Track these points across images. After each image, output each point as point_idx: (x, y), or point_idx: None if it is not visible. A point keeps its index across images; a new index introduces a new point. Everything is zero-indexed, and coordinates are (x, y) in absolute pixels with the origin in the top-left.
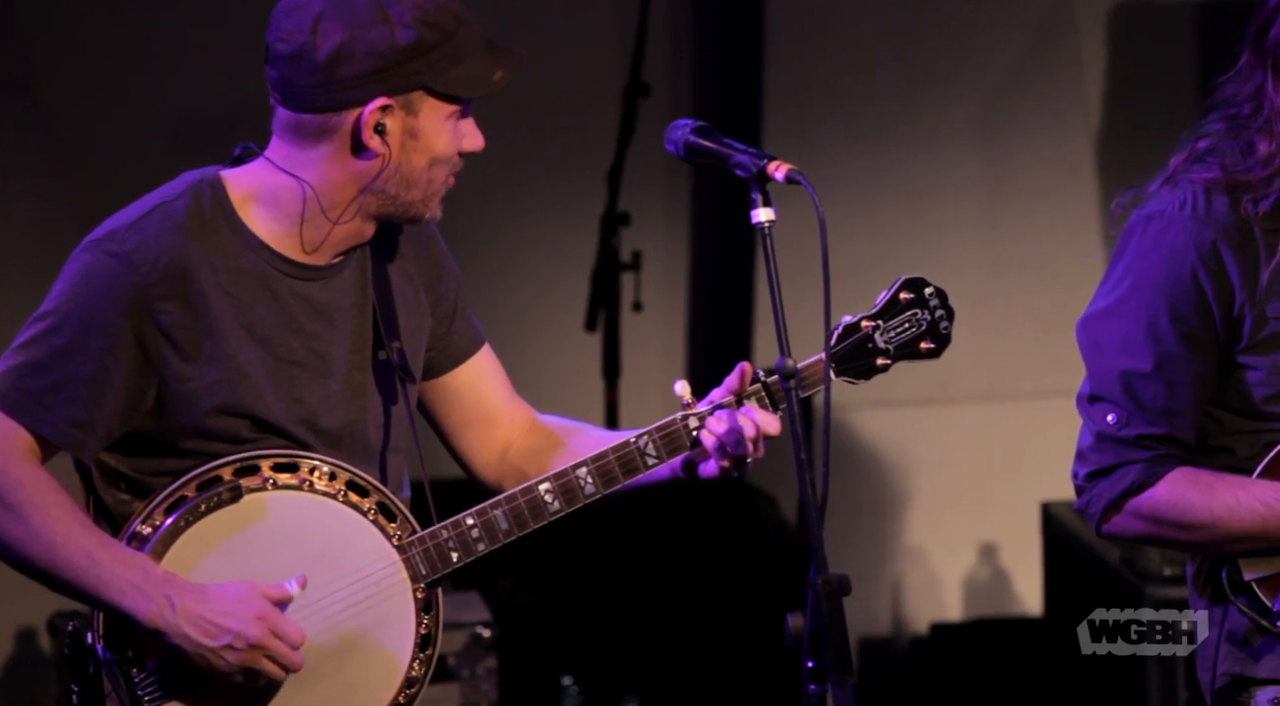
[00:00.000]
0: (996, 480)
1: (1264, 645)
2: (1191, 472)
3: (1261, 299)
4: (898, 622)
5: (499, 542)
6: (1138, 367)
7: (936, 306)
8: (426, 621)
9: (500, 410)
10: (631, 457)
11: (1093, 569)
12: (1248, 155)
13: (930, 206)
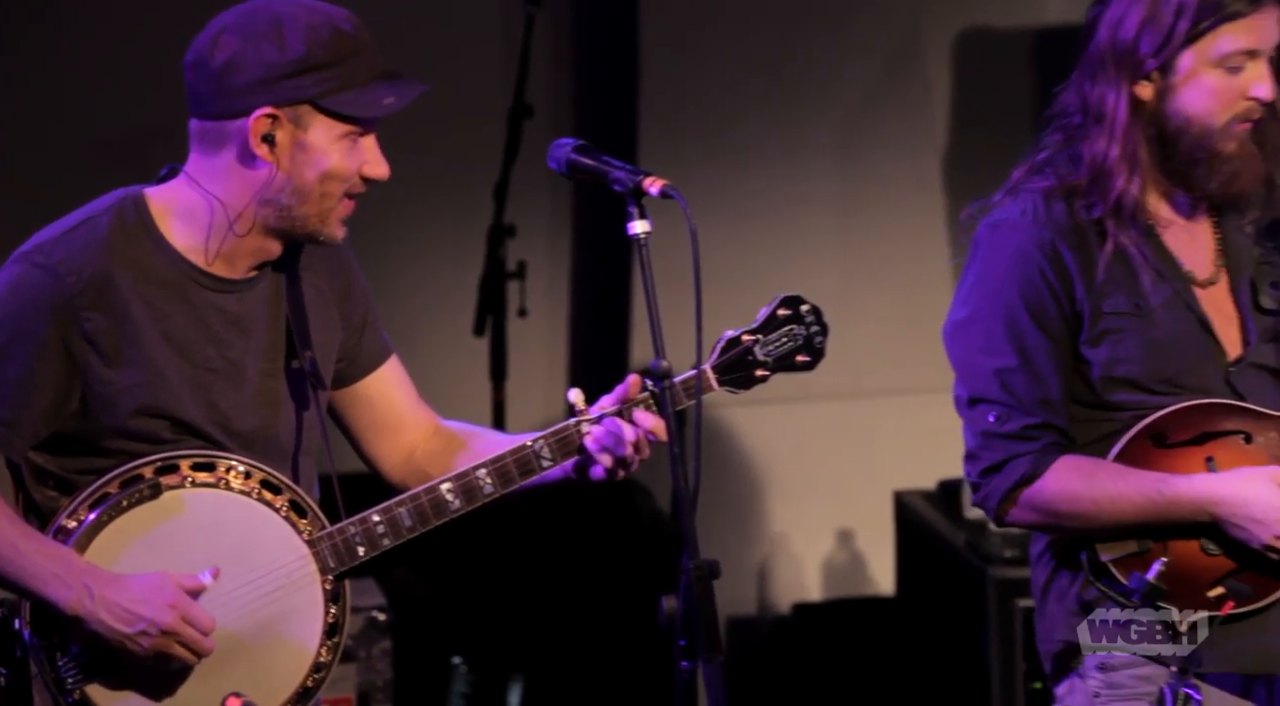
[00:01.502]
0: (853, 471)
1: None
2: (1074, 462)
3: (1098, 294)
4: (762, 603)
5: (403, 538)
6: (1006, 365)
7: (812, 322)
8: (334, 610)
9: (406, 416)
10: (528, 460)
11: (940, 552)
12: (1078, 163)
13: (792, 217)
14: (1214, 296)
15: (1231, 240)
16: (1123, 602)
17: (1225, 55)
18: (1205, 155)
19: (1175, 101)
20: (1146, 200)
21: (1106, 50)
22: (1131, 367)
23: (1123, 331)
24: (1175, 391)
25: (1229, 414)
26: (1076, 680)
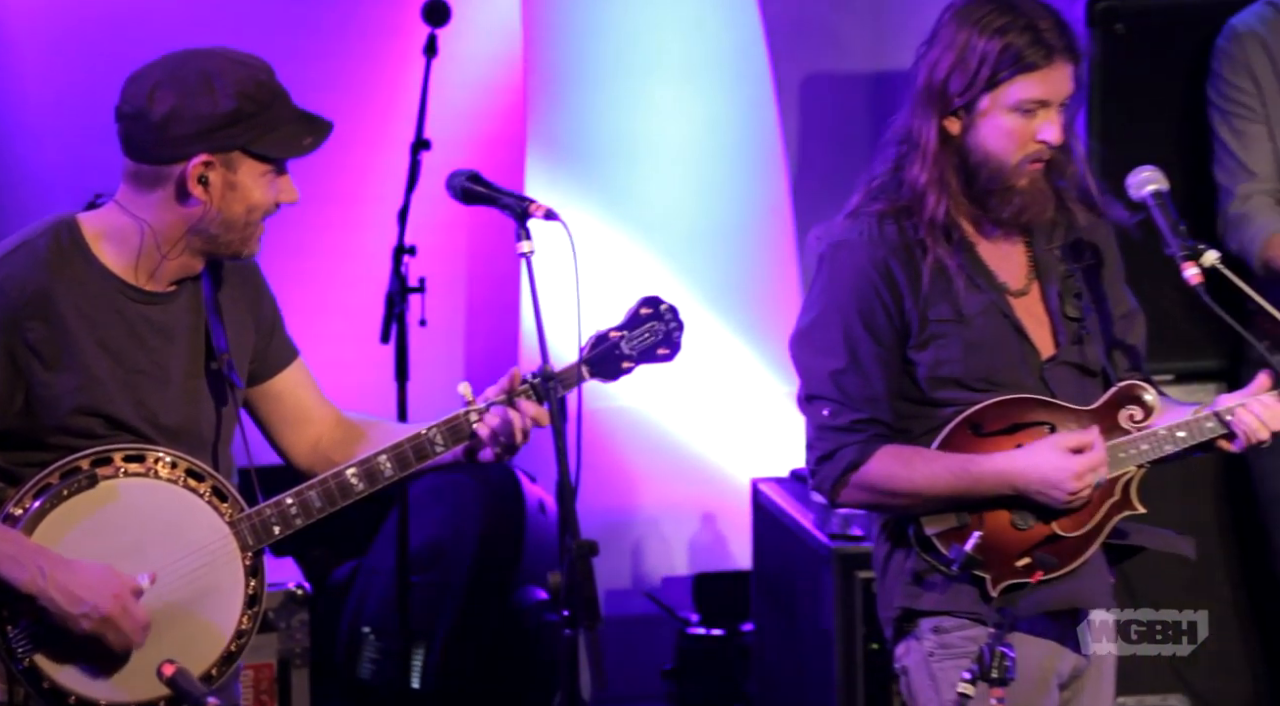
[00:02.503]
0: (716, 463)
1: (928, 584)
2: (895, 449)
3: (925, 304)
4: (636, 578)
5: (314, 517)
6: (839, 366)
7: (670, 319)
8: (254, 583)
9: (312, 410)
10: (422, 446)
11: (790, 532)
12: (902, 187)
13: (662, 237)
14: (1027, 304)
15: (1040, 256)
16: (945, 572)
17: (1019, 102)
18: (999, 187)
19: (976, 137)
20: (959, 220)
21: (923, 88)
22: (954, 368)
23: (946, 336)
24: (992, 388)
25: (1036, 407)
26: (913, 642)
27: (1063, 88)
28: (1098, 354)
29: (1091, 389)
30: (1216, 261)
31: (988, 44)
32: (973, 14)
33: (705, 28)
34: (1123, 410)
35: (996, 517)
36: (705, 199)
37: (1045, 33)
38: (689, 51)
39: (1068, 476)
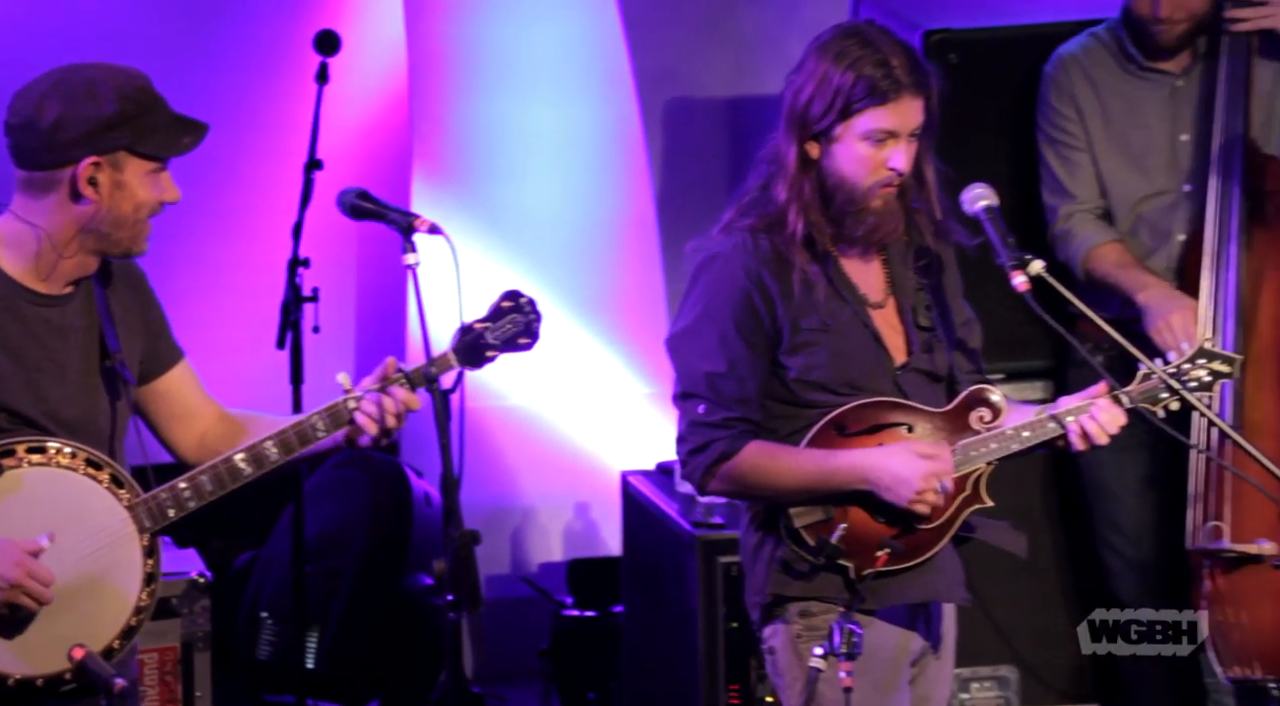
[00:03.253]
0: (588, 457)
1: (796, 572)
2: (762, 444)
3: (796, 313)
4: (515, 564)
5: (205, 500)
6: (716, 369)
7: (530, 311)
8: (150, 563)
9: (197, 407)
10: (305, 431)
11: (657, 520)
12: (769, 204)
13: (537, 249)
14: (885, 315)
15: (896, 271)
16: (812, 561)
17: (870, 131)
18: (853, 208)
19: (832, 162)
20: (821, 237)
21: (788, 113)
22: (821, 373)
23: (815, 344)
24: (855, 392)
25: (895, 409)
26: (781, 625)
27: (911, 120)
28: (945, 360)
29: (938, 392)
30: (1042, 270)
31: (844, 76)
32: (833, 47)
33: (577, 56)
34: (973, 412)
35: (859, 511)
36: (577, 213)
37: (896, 69)
38: (563, 77)
39: (915, 477)
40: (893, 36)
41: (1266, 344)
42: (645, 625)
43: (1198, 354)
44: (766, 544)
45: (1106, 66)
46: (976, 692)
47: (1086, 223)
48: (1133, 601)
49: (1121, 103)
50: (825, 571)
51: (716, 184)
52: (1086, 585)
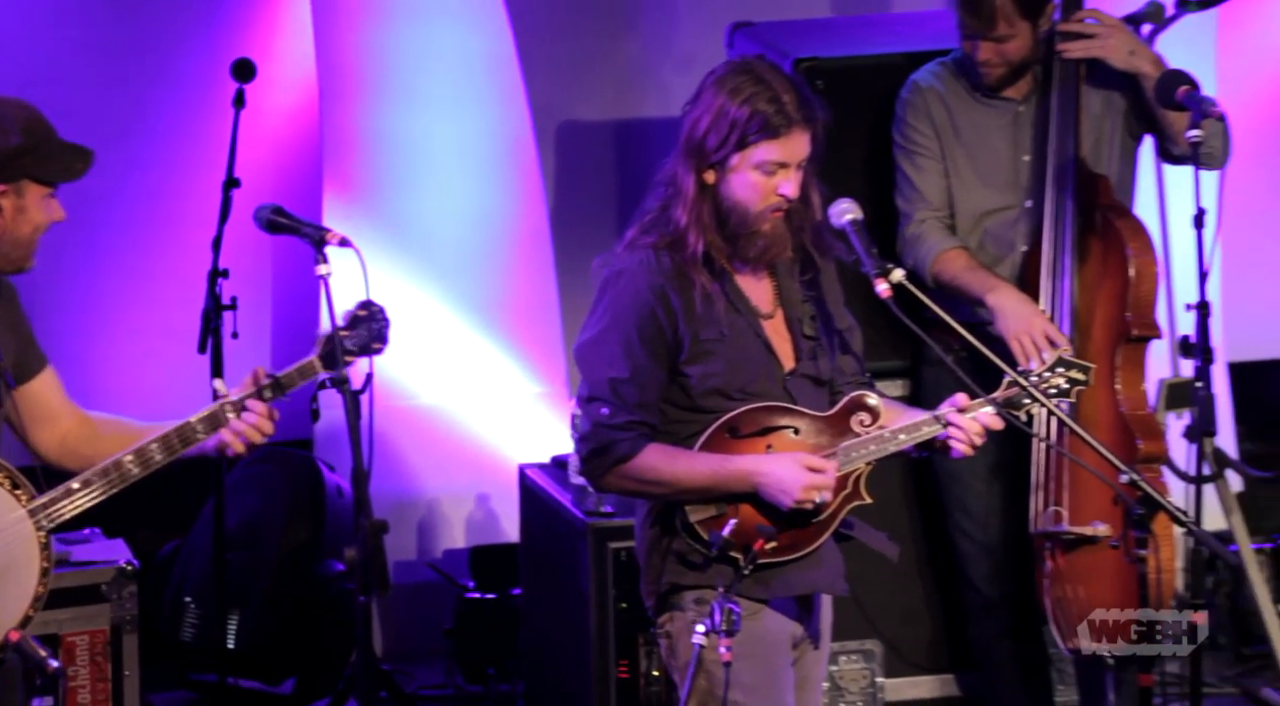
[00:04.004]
0: (489, 452)
1: (691, 563)
2: (659, 447)
3: (696, 325)
4: (421, 550)
5: (97, 499)
6: (619, 376)
7: (380, 319)
8: (45, 558)
9: (60, 410)
10: (186, 434)
11: (553, 509)
12: (673, 224)
13: (438, 257)
14: (774, 326)
15: (784, 285)
16: (706, 553)
17: (761, 162)
18: (746, 231)
19: (727, 188)
20: (719, 255)
21: (685, 141)
22: (718, 380)
23: (712, 353)
24: (747, 397)
25: (783, 413)
26: (677, 612)
27: (799, 151)
28: (829, 366)
29: (823, 396)
30: (903, 278)
31: (739, 111)
32: (729, 83)
33: (477, 82)
34: (854, 416)
35: (749, 508)
36: (477, 225)
37: (787, 105)
38: (463, 101)
39: (797, 488)
40: (783, 73)
41: (1099, 346)
42: (542, 606)
43: (1056, 363)
44: (663, 538)
45: (956, 93)
46: (844, 665)
47: (936, 229)
48: (982, 580)
49: (969, 126)
50: (717, 562)
51: (604, 200)
52: (942, 566)
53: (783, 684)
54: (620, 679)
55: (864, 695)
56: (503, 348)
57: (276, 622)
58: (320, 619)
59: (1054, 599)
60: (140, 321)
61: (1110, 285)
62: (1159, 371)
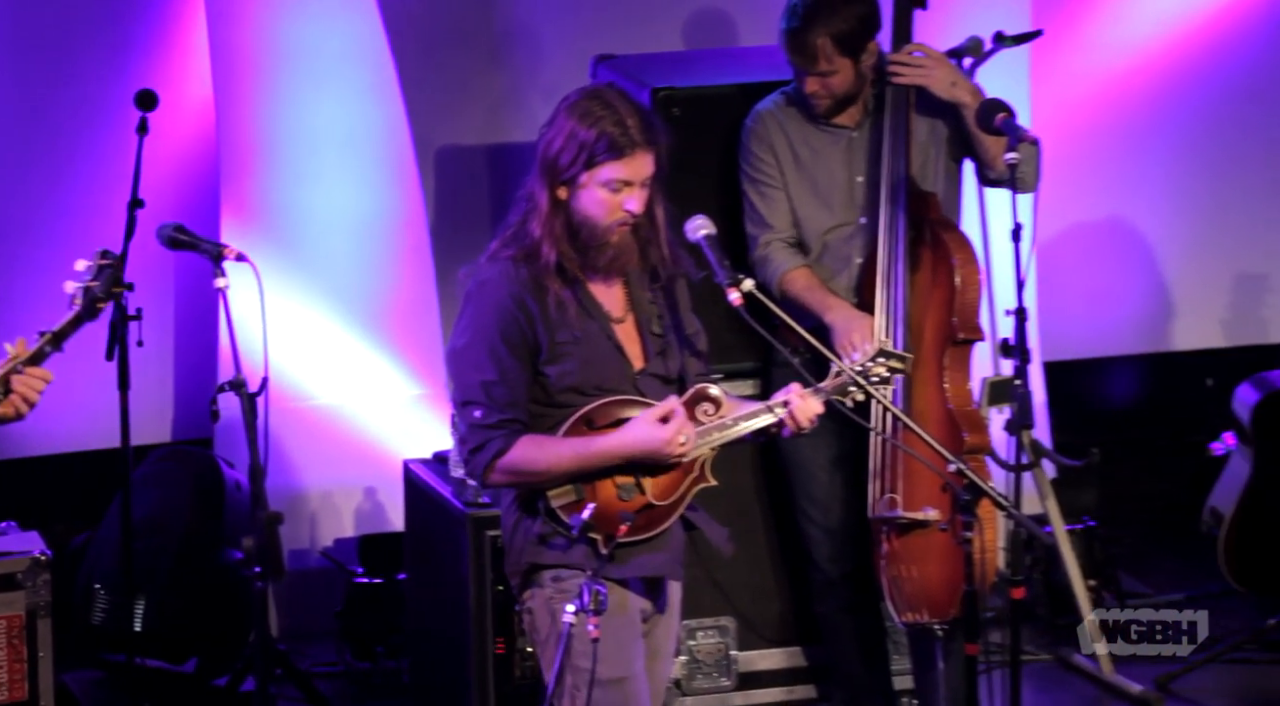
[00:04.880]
0: (377, 448)
1: (551, 544)
2: (530, 438)
3: (552, 329)
4: (313, 539)
5: None
6: (489, 378)
7: (119, 264)
8: None
9: None
10: None
11: (434, 500)
12: (529, 237)
13: (327, 271)
14: (625, 329)
15: (635, 292)
16: (567, 535)
17: (608, 181)
18: (595, 243)
19: (578, 204)
20: (571, 265)
21: (540, 160)
22: (573, 378)
23: (568, 355)
24: (600, 392)
25: (634, 406)
26: (537, 590)
27: (643, 171)
28: (676, 365)
29: (670, 392)
30: (753, 288)
31: (587, 133)
32: (580, 107)
33: (363, 111)
34: (699, 406)
35: (607, 492)
36: (363, 242)
37: (632, 128)
38: (350, 130)
39: (666, 438)
40: (630, 99)
41: (930, 347)
42: (425, 589)
43: (877, 353)
44: (524, 521)
45: (796, 120)
46: (701, 640)
47: (781, 250)
48: (825, 561)
49: (808, 150)
50: (577, 543)
51: (479, 217)
52: (789, 549)
53: (634, 654)
54: (497, 654)
55: (719, 667)
56: (387, 353)
57: (180, 607)
58: (220, 603)
59: (890, 577)
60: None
61: (939, 293)
62: (982, 370)
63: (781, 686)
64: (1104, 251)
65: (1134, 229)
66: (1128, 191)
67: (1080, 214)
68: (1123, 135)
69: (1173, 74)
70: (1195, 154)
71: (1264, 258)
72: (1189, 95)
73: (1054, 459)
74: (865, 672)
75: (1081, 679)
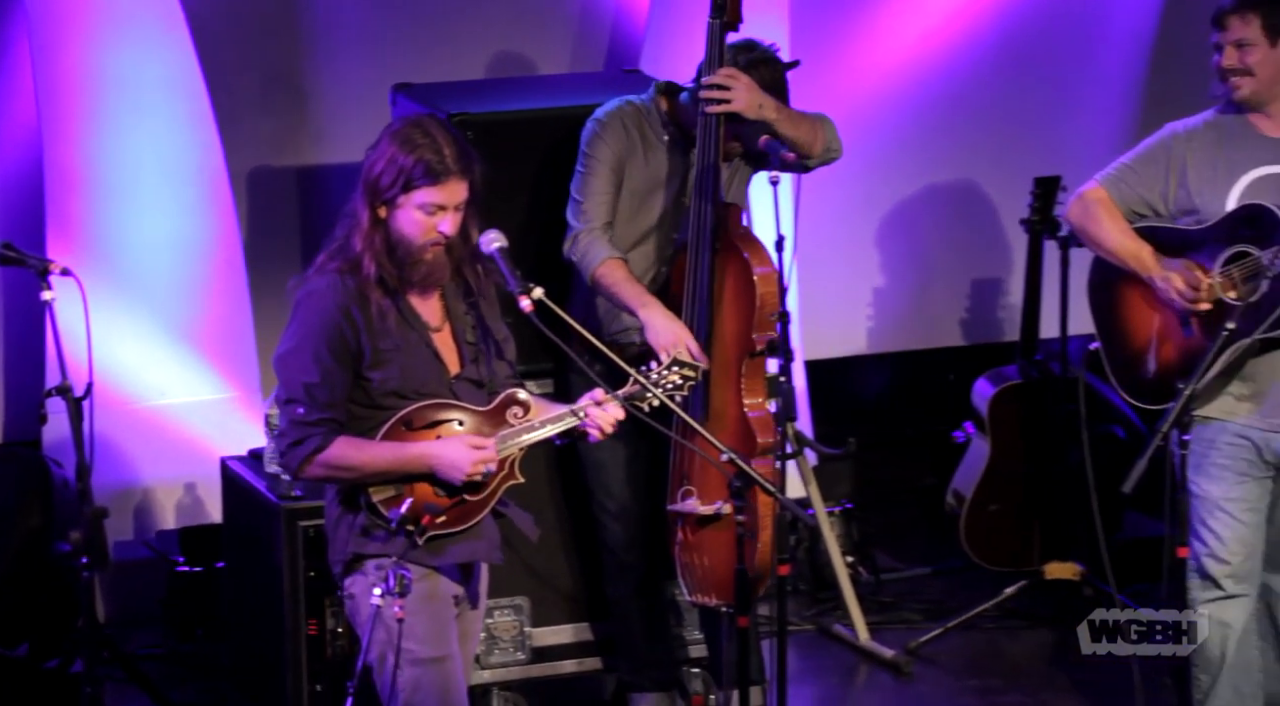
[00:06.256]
0: (197, 445)
1: (373, 536)
2: (349, 439)
3: (375, 338)
4: (138, 531)
5: None
6: (312, 380)
7: None
8: None
9: None
10: None
11: (251, 493)
12: (352, 251)
13: (148, 285)
14: (443, 337)
15: (451, 303)
16: (387, 527)
17: (424, 204)
18: (411, 260)
19: (395, 224)
20: (390, 278)
21: (364, 182)
22: (394, 383)
23: (389, 361)
24: (419, 396)
25: (450, 409)
26: (360, 577)
27: (457, 196)
28: (488, 370)
29: (483, 395)
30: (542, 296)
31: (406, 158)
32: (401, 134)
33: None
34: (509, 410)
35: (423, 489)
36: (182, 259)
37: (448, 156)
38: (168, 159)
39: (467, 464)
40: (449, 129)
41: (729, 358)
42: (242, 576)
43: (672, 363)
44: (347, 515)
45: (641, 129)
46: (498, 618)
47: (599, 241)
48: (619, 548)
49: (640, 160)
50: (396, 534)
51: (289, 235)
52: (580, 536)
53: (449, 634)
54: (310, 636)
55: (515, 642)
56: (204, 360)
57: (12, 595)
58: (51, 592)
59: (683, 563)
60: None
61: (740, 307)
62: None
63: (572, 659)
64: (858, 261)
65: (885, 241)
66: (880, 208)
67: (837, 227)
68: (876, 157)
69: (916, 102)
70: (938, 175)
71: (997, 266)
72: (932, 121)
73: (815, 448)
74: (649, 646)
75: (840, 646)
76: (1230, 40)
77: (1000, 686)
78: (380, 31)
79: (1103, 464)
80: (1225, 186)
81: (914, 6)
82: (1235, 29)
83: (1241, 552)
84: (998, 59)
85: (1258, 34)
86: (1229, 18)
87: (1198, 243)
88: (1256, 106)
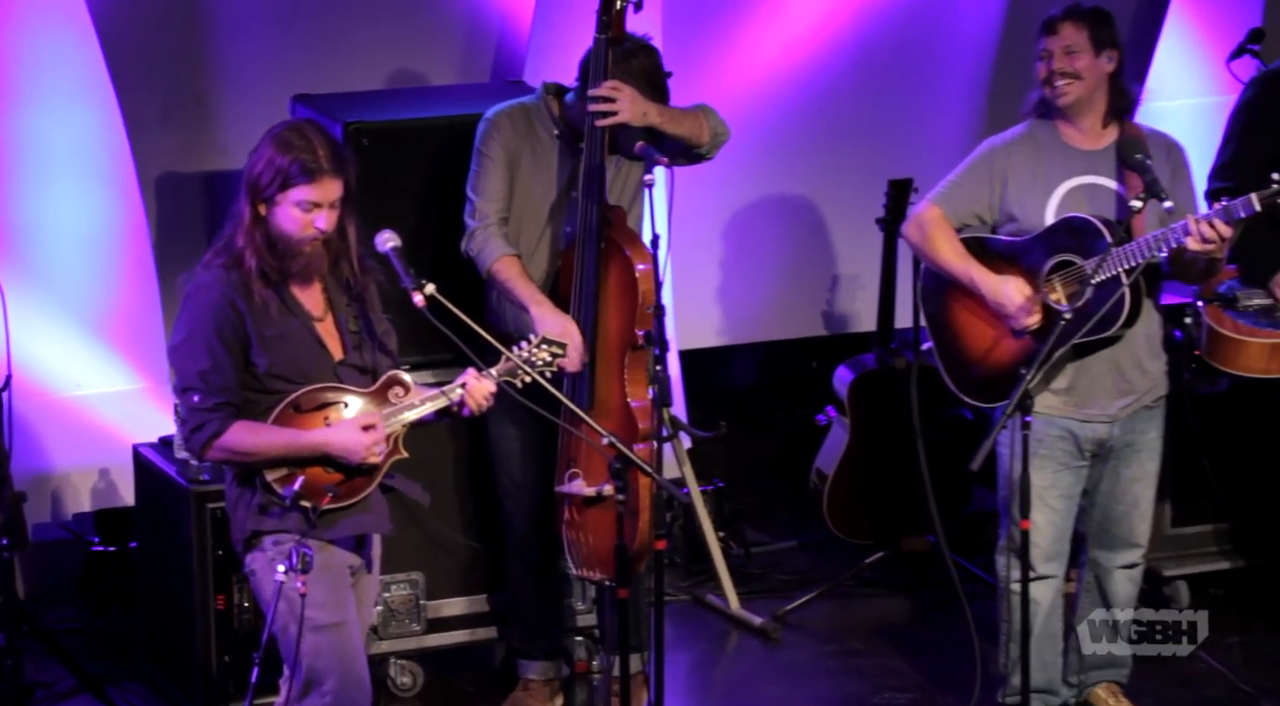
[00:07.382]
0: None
1: (270, 513)
2: (245, 423)
3: (259, 326)
4: (55, 514)
5: None
6: (204, 367)
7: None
8: None
9: None
10: None
11: (161, 478)
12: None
13: (60, 279)
14: (326, 326)
15: (332, 295)
16: (282, 505)
17: (300, 201)
18: (290, 254)
19: (274, 220)
20: (272, 271)
21: (246, 181)
22: (281, 368)
23: (275, 348)
24: (306, 381)
25: (336, 392)
26: (259, 553)
27: (331, 194)
28: (370, 358)
29: (366, 379)
30: (434, 291)
31: (283, 159)
32: (279, 137)
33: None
34: (391, 390)
35: (315, 468)
36: (95, 257)
37: (322, 157)
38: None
39: (360, 449)
40: (324, 132)
41: (613, 349)
42: (154, 555)
43: (541, 341)
44: (245, 494)
45: (531, 128)
46: (395, 592)
47: (495, 236)
48: (518, 529)
49: (531, 157)
50: (290, 511)
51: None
52: (474, 513)
53: (346, 601)
54: (218, 610)
55: (411, 614)
56: (116, 352)
57: None
58: None
59: (569, 540)
60: None
61: (624, 302)
62: None
63: (466, 629)
64: (728, 257)
65: (753, 239)
66: (748, 208)
67: (708, 225)
68: (745, 160)
69: (781, 109)
70: (801, 177)
71: (855, 261)
72: (796, 127)
73: (689, 431)
74: (540, 617)
75: (713, 614)
76: (1060, 46)
77: (860, 649)
78: (281, 45)
79: (952, 444)
80: (1043, 196)
81: (779, 20)
82: (1067, 34)
83: (1051, 535)
84: (856, 69)
85: (1085, 43)
86: (1062, 24)
87: (1025, 251)
88: (1074, 116)
